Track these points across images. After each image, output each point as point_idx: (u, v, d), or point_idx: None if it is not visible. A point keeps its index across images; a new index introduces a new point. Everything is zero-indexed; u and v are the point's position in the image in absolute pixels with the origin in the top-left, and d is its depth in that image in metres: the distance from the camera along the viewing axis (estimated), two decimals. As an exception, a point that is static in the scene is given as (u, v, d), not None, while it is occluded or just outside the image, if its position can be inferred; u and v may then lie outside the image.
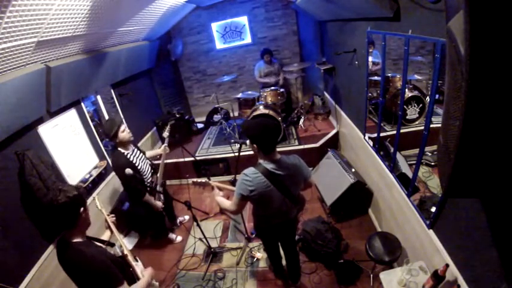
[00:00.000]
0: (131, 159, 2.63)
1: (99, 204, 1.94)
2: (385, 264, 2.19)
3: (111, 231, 1.88)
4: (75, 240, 1.45)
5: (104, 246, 1.67)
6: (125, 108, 4.05)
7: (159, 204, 2.89)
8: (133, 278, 1.66)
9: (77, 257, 1.40)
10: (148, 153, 3.07)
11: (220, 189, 2.24)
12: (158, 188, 2.98)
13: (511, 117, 0.72)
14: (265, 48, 4.99)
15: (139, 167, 2.67)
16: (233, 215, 3.51)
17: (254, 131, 1.72)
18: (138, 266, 1.74)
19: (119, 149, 2.62)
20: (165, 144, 3.09)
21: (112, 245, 1.74)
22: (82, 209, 1.45)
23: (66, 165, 2.79)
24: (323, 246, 2.75)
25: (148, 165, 2.86)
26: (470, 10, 0.62)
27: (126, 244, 1.77)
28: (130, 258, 1.72)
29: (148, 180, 2.81)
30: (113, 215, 1.96)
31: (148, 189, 2.76)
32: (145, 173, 2.76)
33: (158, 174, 3.01)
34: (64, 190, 1.39)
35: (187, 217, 3.77)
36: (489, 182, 0.89)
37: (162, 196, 3.03)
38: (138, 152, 2.81)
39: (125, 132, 2.61)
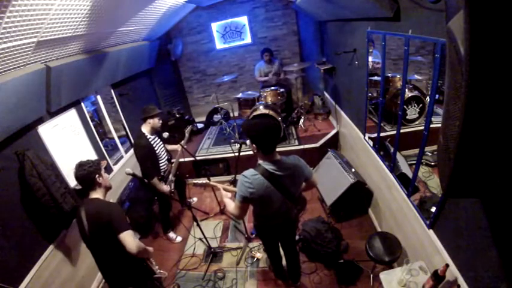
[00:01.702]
0: (152, 143, 2.91)
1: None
2: (385, 264, 2.19)
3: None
4: (93, 196, 1.84)
5: None
6: (125, 108, 4.04)
7: (166, 188, 3.02)
8: None
9: (97, 203, 1.80)
10: (169, 147, 3.34)
11: (226, 190, 2.23)
12: (171, 177, 3.19)
13: (511, 118, 0.72)
14: (265, 47, 4.99)
15: (157, 152, 2.96)
16: (237, 219, 3.51)
17: (254, 131, 1.72)
18: None
19: (144, 131, 2.89)
20: (183, 142, 3.35)
21: None
22: (97, 175, 1.84)
23: (66, 165, 2.79)
24: (323, 246, 2.75)
25: (166, 153, 3.14)
26: (470, 10, 0.62)
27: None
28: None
29: (163, 167, 3.07)
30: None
31: (161, 175, 3.03)
32: (162, 159, 3.04)
33: (173, 165, 3.26)
34: (82, 165, 1.83)
35: (195, 199, 4.11)
36: (489, 182, 0.89)
37: (172, 185, 3.23)
38: (159, 140, 3.06)
39: (158, 121, 2.93)
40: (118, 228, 1.68)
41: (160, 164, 3.02)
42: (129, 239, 1.68)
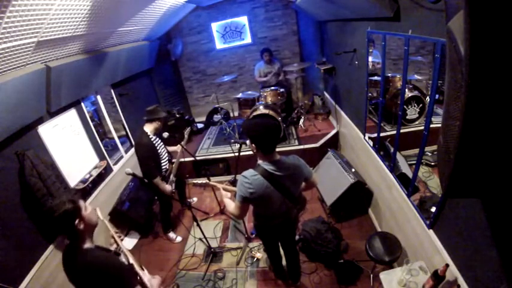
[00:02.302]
0: (154, 142, 2.92)
1: (101, 215, 1.87)
2: (385, 264, 2.19)
3: (117, 244, 1.87)
4: (85, 247, 1.41)
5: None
6: (125, 108, 4.04)
7: (168, 187, 3.02)
8: (142, 285, 1.65)
9: (93, 261, 1.38)
10: (169, 148, 3.34)
11: (226, 190, 2.24)
12: (172, 177, 3.19)
13: (511, 118, 0.72)
14: (265, 47, 5.00)
15: (159, 152, 2.97)
16: (238, 219, 3.52)
17: (254, 130, 1.72)
18: (145, 275, 1.72)
19: (147, 130, 2.90)
20: (182, 143, 3.35)
21: (118, 254, 1.69)
22: (77, 220, 1.37)
23: (66, 165, 2.79)
24: (323, 246, 2.75)
25: (167, 153, 3.15)
26: (470, 10, 0.62)
27: (127, 247, 1.76)
28: (136, 267, 1.71)
29: (164, 167, 3.07)
30: (117, 230, 1.93)
31: (163, 174, 3.02)
32: (163, 159, 3.04)
33: (173, 166, 3.26)
34: (52, 210, 1.33)
35: (195, 199, 4.10)
36: (489, 182, 0.89)
37: (173, 185, 3.22)
38: (160, 141, 3.07)
39: (161, 124, 2.97)
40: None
41: (162, 164, 3.03)
42: None
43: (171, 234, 3.45)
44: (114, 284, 1.37)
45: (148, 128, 2.90)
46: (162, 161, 3.02)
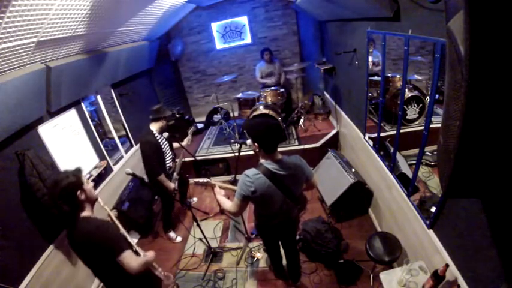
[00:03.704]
0: (159, 140, 2.97)
1: (101, 202, 1.97)
2: (385, 264, 2.19)
3: (113, 222, 1.92)
4: (83, 215, 1.57)
5: None
6: (125, 108, 4.04)
7: (173, 185, 3.07)
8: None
9: (87, 225, 1.53)
10: (174, 145, 3.38)
11: (221, 188, 2.24)
12: (175, 175, 3.23)
13: (511, 118, 0.72)
14: (265, 47, 5.00)
15: (164, 150, 3.03)
16: (234, 217, 3.52)
17: (257, 130, 1.72)
18: (141, 251, 1.83)
19: (153, 129, 2.95)
20: (185, 140, 3.43)
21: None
22: (78, 191, 1.54)
23: (66, 165, 2.78)
24: (323, 246, 2.75)
25: (170, 152, 3.20)
26: (470, 10, 0.62)
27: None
28: (134, 245, 1.80)
29: (169, 164, 3.13)
30: (114, 210, 2.03)
31: (167, 172, 3.07)
32: (167, 157, 3.10)
33: (177, 163, 3.32)
34: (57, 181, 1.51)
35: (195, 199, 4.15)
36: (489, 182, 0.89)
37: (176, 183, 3.25)
38: (165, 140, 3.12)
39: (166, 123, 3.03)
40: (113, 251, 1.51)
41: (166, 162, 3.09)
42: (127, 261, 1.52)
43: (172, 234, 3.45)
44: (106, 244, 1.50)
45: (154, 127, 2.96)
46: (167, 159, 3.08)
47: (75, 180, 1.55)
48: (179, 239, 3.45)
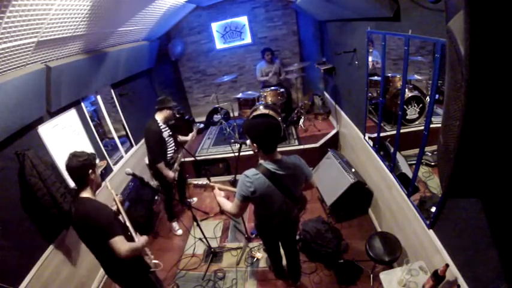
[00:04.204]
0: (162, 130, 3.04)
1: (109, 186, 2.12)
2: (385, 264, 2.19)
3: (118, 210, 1.99)
4: (85, 195, 1.72)
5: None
6: (125, 108, 4.04)
7: (171, 174, 3.14)
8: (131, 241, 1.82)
9: (88, 206, 1.68)
10: (180, 138, 3.45)
11: (221, 189, 2.24)
12: (176, 166, 3.29)
13: (511, 117, 0.72)
14: (266, 47, 5.00)
15: (166, 139, 3.09)
16: (235, 218, 3.52)
17: (256, 130, 1.72)
18: (137, 236, 1.88)
19: (157, 118, 3.03)
20: (190, 135, 3.48)
21: (116, 215, 1.94)
22: (91, 171, 1.72)
23: (66, 165, 2.79)
24: (323, 246, 2.75)
25: (173, 142, 3.24)
26: (470, 10, 0.62)
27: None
28: (131, 229, 1.87)
29: (170, 155, 3.19)
30: (120, 195, 2.27)
31: (167, 161, 3.15)
32: (170, 147, 3.17)
33: (179, 155, 3.37)
34: (76, 155, 1.69)
35: (195, 199, 4.14)
36: (489, 182, 0.89)
37: (176, 173, 3.31)
38: (170, 131, 3.17)
39: (171, 114, 3.11)
40: (105, 234, 1.61)
41: (168, 151, 3.16)
42: (117, 246, 1.61)
43: (174, 224, 3.56)
44: (100, 226, 1.62)
45: (159, 117, 3.04)
46: (168, 149, 3.16)
47: (91, 160, 1.74)
48: (180, 232, 3.51)
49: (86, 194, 1.73)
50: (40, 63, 2.33)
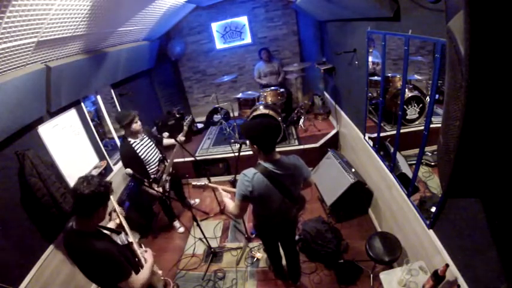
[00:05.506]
0: (136, 147, 2.84)
1: (112, 199, 1.96)
2: (385, 264, 2.19)
3: (120, 222, 1.93)
4: (85, 230, 1.48)
5: (109, 233, 1.72)
6: (125, 108, 4.03)
7: (155, 192, 2.83)
8: (137, 265, 1.71)
9: (88, 248, 1.43)
10: (165, 141, 3.25)
11: (225, 191, 2.24)
12: (164, 177, 3.09)
13: (511, 117, 0.72)
14: (262, 47, 5.01)
15: (143, 156, 2.87)
16: (237, 219, 3.52)
17: (254, 131, 1.73)
18: (142, 254, 1.80)
19: (128, 138, 2.85)
20: (180, 135, 3.22)
21: (118, 233, 1.79)
22: (103, 207, 1.49)
23: (66, 165, 2.79)
24: (323, 246, 2.75)
25: (156, 153, 3.04)
26: (470, 10, 0.62)
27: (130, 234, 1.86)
28: (135, 246, 1.78)
29: (154, 169, 3.00)
30: (121, 208, 2.04)
31: (151, 178, 2.97)
32: (150, 161, 2.95)
33: (167, 164, 3.15)
34: (90, 182, 1.40)
35: (197, 200, 4.06)
36: (489, 182, 0.89)
37: (167, 185, 3.16)
38: (148, 140, 2.98)
39: (137, 124, 2.84)
40: (114, 280, 1.47)
41: (150, 167, 2.95)
42: (130, 286, 1.49)
43: (176, 223, 3.57)
44: (111, 270, 1.45)
45: (126, 133, 2.85)
46: (150, 164, 2.95)
47: (108, 191, 1.48)
48: (182, 229, 3.52)
49: (87, 228, 1.49)
50: (40, 63, 2.33)
